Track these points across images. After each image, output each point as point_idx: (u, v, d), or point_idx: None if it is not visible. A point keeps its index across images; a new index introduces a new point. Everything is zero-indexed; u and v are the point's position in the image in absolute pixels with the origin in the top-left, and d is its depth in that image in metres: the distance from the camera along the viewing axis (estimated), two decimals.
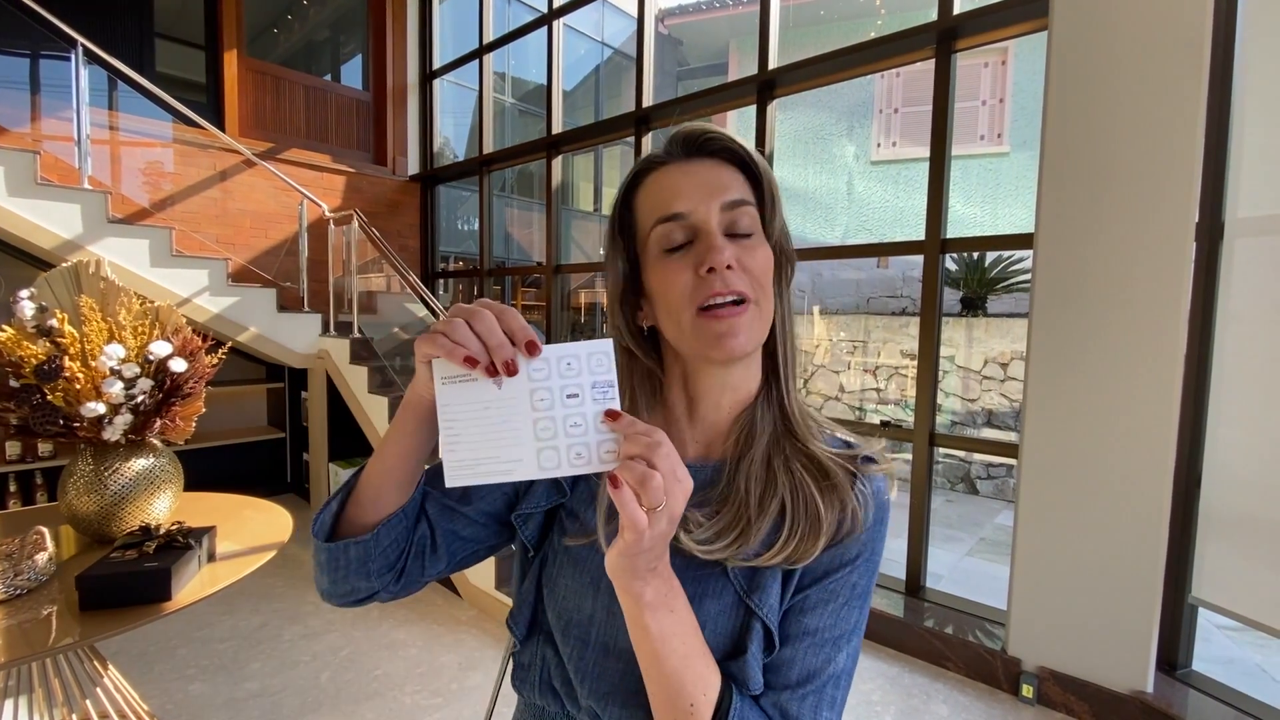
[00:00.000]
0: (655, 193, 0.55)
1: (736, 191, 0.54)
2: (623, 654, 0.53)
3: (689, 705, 0.48)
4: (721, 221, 0.53)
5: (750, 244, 0.53)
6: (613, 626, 0.54)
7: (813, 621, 0.52)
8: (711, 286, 0.51)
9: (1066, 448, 2.06)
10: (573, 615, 0.55)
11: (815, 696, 0.52)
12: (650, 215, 0.54)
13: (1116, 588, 1.98)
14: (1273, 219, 1.85)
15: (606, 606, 0.54)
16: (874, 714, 2.05)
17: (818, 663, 0.52)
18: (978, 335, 5.77)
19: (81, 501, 1.43)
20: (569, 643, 0.55)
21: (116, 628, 1.15)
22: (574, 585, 0.56)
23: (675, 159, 0.56)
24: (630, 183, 0.58)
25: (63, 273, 1.51)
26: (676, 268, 0.53)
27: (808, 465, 0.54)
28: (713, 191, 0.53)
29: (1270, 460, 1.85)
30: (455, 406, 0.42)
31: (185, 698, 2.05)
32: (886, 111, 8.05)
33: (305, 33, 5.24)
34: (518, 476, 0.42)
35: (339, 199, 4.71)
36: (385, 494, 0.54)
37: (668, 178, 0.55)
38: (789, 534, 0.51)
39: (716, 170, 0.54)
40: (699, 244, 0.52)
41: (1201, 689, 1.98)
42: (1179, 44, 1.83)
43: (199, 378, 1.56)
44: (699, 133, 0.55)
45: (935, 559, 2.74)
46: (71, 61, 3.03)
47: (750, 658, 0.51)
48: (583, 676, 0.54)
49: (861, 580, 0.54)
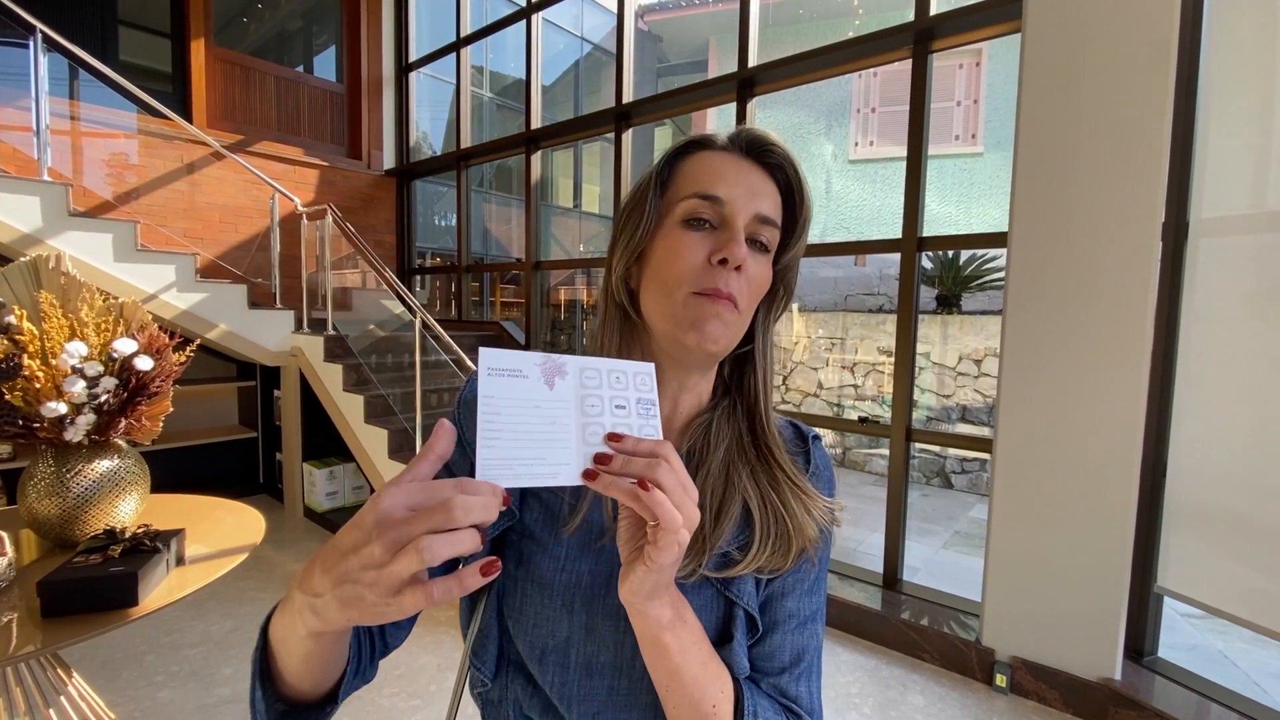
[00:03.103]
0: (703, 169, 0.55)
1: (772, 209, 0.55)
2: (605, 670, 0.53)
3: (712, 706, 0.49)
4: (749, 226, 0.53)
5: (761, 258, 0.55)
6: (591, 645, 0.53)
7: (791, 605, 0.56)
8: (715, 280, 0.52)
9: (1039, 442, 2.10)
10: (547, 642, 0.53)
11: (806, 672, 0.56)
12: (689, 185, 0.54)
13: (1086, 579, 2.03)
14: (1235, 219, 1.91)
15: (584, 625, 0.53)
16: (852, 706, 2.08)
17: (803, 641, 0.56)
18: (952, 332, 5.87)
19: (42, 505, 1.37)
20: (548, 670, 0.53)
21: (80, 634, 1.11)
22: (544, 611, 0.54)
23: (733, 152, 0.56)
24: (683, 148, 0.57)
25: (21, 268, 1.45)
26: (692, 242, 0.53)
27: (786, 481, 0.56)
28: (754, 196, 0.54)
29: (1232, 453, 1.91)
30: (499, 400, 0.39)
31: (154, 705, 1.99)
32: (864, 111, 8.14)
33: (276, 22, 5.11)
34: (560, 481, 0.39)
35: (312, 193, 4.61)
36: (321, 675, 0.46)
37: (720, 162, 0.55)
38: (759, 546, 0.53)
39: (765, 181, 0.55)
40: (723, 233, 0.53)
41: (1167, 675, 2.04)
42: (1147, 49, 1.87)
43: (166, 376, 1.52)
44: (765, 140, 0.56)
45: (911, 552, 2.79)
46: (30, 49, 2.92)
47: (737, 644, 0.53)
48: (569, 702, 0.53)
49: (825, 555, 0.58)
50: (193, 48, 4.15)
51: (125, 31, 4.12)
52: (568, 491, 0.56)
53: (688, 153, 0.57)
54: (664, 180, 0.56)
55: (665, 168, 0.57)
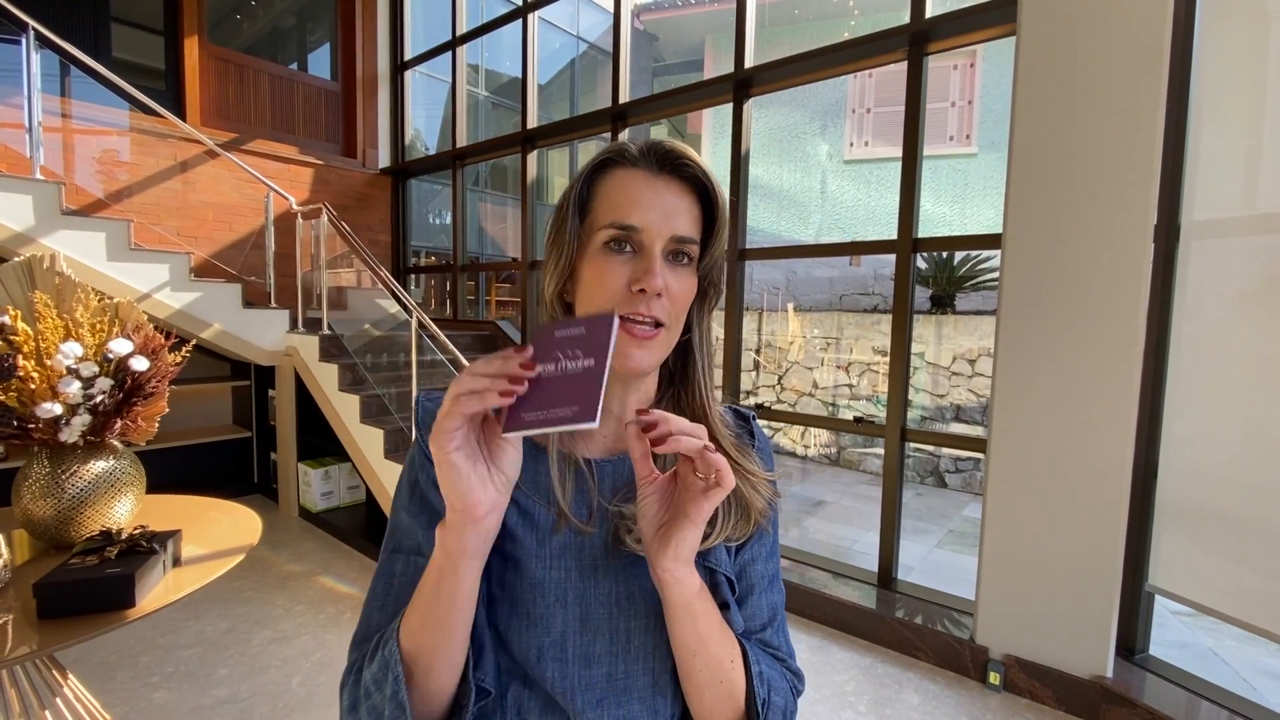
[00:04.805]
0: (618, 192, 0.56)
1: (688, 226, 0.57)
2: (602, 658, 0.56)
3: (730, 662, 0.56)
4: (666, 248, 0.56)
5: (682, 272, 0.57)
6: (587, 635, 0.56)
7: (761, 569, 0.64)
8: (636, 305, 0.54)
9: (1032, 442, 2.12)
10: (544, 639, 0.55)
11: (780, 625, 0.65)
12: (607, 213, 0.56)
13: (1078, 577, 2.05)
14: (1226, 222, 1.93)
15: (578, 617, 0.56)
16: (847, 704, 2.09)
17: (775, 599, 0.65)
18: (946, 332, 5.90)
19: (37, 505, 1.37)
20: (546, 667, 0.55)
21: (77, 636, 1.10)
22: (537, 610, 0.55)
23: (645, 165, 0.57)
24: (599, 166, 0.59)
25: (15, 268, 1.44)
26: (613, 268, 0.55)
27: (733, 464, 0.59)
28: (668, 217, 0.56)
29: (1222, 453, 1.93)
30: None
31: (149, 706, 1.99)
32: (859, 111, 8.16)
33: (270, 19, 5.09)
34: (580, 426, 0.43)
35: (306, 192, 4.59)
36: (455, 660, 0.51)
37: (634, 184, 0.56)
38: (724, 520, 0.58)
39: (679, 196, 0.57)
40: (641, 261, 0.55)
41: (1157, 672, 2.06)
42: (1140, 53, 1.89)
43: (162, 377, 1.51)
44: (677, 153, 0.57)
45: (905, 551, 2.81)
46: (22, 46, 2.89)
47: (733, 610, 0.59)
48: (571, 695, 0.55)
49: (776, 520, 0.66)
50: (186, 45, 4.12)
51: (118, 28, 4.09)
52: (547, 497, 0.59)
53: (604, 170, 0.58)
54: (584, 199, 0.58)
55: (584, 187, 0.58)
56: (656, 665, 0.57)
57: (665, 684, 0.57)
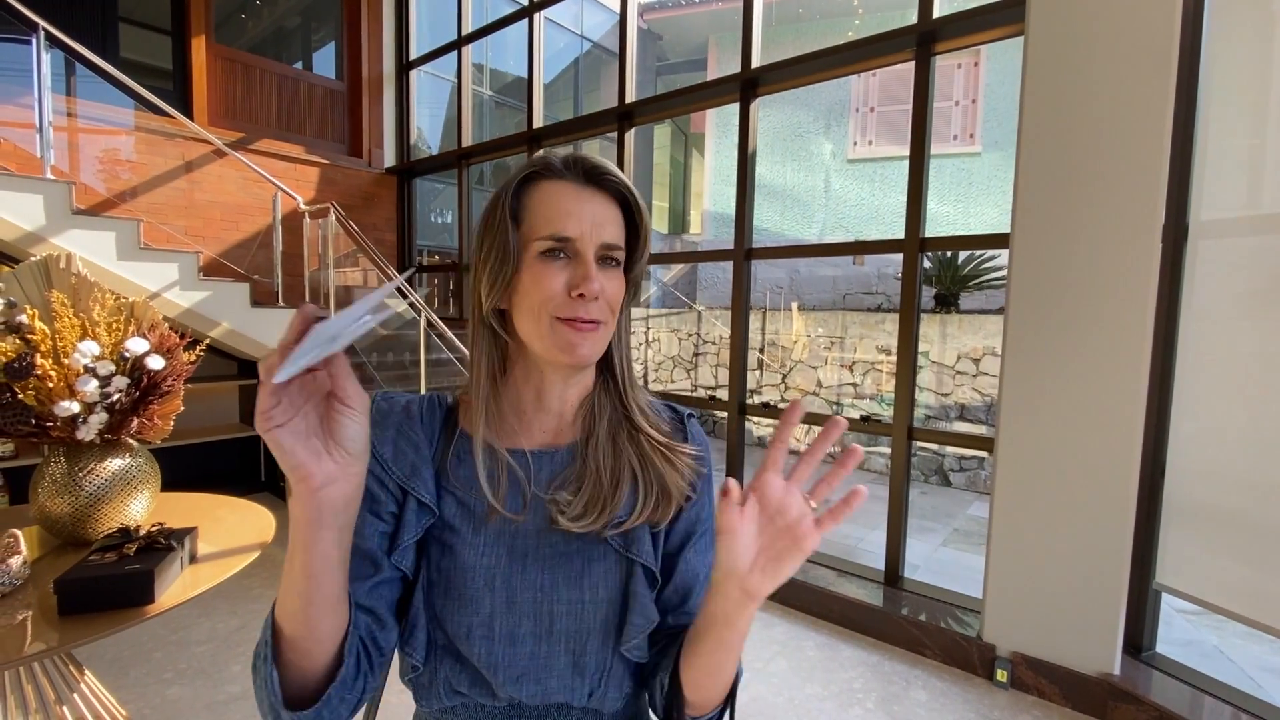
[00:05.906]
0: (549, 205, 0.60)
1: (615, 233, 0.62)
2: (525, 638, 0.61)
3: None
4: (597, 254, 0.60)
5: (613, 274, 0.62)
6: (513, 617, 0.61)
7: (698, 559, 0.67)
8: (575, 309, 0.59)
9: (1039, 441, 2.12)
10: (473, 619, 0.60)
11: None
12: (541, 225, 0.59)
13: (1085, 575, 2.05)
14: (1233, 222, 1.93)
15: (505, 600, 0.61)
16: (856, 700, 2.10)
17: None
18: (951, 331, 5.90)
19: (54, 503, 1.38)
20: (475, 644, 0.60)
21: (96, 632, 1.12)
22: (468, 592, 0.61)
23: (572, 178, 0.61)
24: (526, 179, 0.61)
25: (31, 267, 1.46)
26: (551, 274, 0.59)
27: (654, 445, 0.66)
28: (598, 226, 0.60)
29: (1229, 452, 1.93)
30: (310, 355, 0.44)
31: (163, 702, 2.00)
32: (863, 110, 8.16)
33: (276, 19, 5.10)
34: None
35: (313, 191, 4.61)
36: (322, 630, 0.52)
37: (563, 196, 0.60)
38: (644, 500, 0.63)
39: (605, 206, 0.61)
40: (577, 268, 0.59)
41: (1164, 670, 2.07)
42: (1148, 53, 1.89)
43: (177, 375, 1.53)
44: (601, 168, 0.61)
45: (911, 549, 2.81)
46: (32, 46, 2.91)
47: (643, 597, 0.62)
48: (494, 669, 0.60)
49: (712, 506, 0.68)
50: (193, 45, 4.14)
51: (126, 28, 4.11)
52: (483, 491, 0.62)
53: (530, 182, 0.61)
54: (515, 210, 0.61)
55: (514, 200, 0.61)
56: (576, 648, 0.62)
57: (584, 665, 0.62)
